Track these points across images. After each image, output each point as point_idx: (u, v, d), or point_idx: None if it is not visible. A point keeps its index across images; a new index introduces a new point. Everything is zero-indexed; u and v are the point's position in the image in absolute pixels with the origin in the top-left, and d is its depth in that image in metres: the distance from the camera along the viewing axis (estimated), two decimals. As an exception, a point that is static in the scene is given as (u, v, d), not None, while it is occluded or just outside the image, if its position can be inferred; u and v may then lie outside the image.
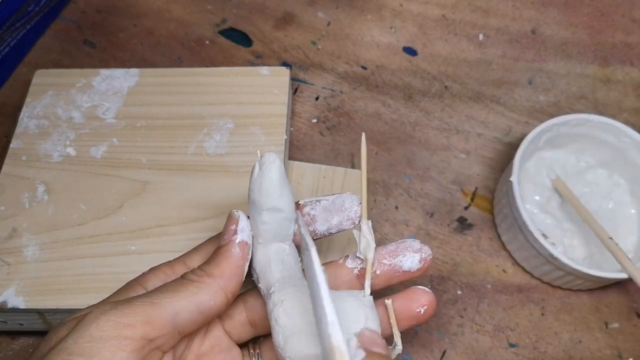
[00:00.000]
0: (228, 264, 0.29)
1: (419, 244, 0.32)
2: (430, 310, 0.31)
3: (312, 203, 0.33)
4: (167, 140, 0.43)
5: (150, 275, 0.31)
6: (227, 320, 0.32)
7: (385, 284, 0.32)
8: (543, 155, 0.46)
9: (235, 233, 0.30)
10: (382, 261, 0.31)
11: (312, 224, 0.32)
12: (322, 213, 0.32)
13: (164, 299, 0.27)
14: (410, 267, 0.31)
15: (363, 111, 0.50)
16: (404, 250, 0.31)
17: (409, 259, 0.31)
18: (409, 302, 0.31)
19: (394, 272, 0.31)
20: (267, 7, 0.55)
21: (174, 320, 0.27)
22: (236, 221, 0.30)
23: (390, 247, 0.32)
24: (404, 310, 0.31)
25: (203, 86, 0.45)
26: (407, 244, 0.32)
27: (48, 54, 0.52)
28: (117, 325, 0.26)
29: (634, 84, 0.52)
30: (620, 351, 0.42)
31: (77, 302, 0.37)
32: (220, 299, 0.29)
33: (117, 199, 0.41)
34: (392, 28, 0.55)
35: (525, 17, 0.55)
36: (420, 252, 0.31)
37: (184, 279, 0.29)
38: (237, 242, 0.30)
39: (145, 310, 0.27)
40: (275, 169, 0.29)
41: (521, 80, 0.52)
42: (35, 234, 0.39)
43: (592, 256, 0.44)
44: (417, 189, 0.47)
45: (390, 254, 0.31)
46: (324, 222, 0.32)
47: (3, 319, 0.38)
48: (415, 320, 0.31)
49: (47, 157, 0.43)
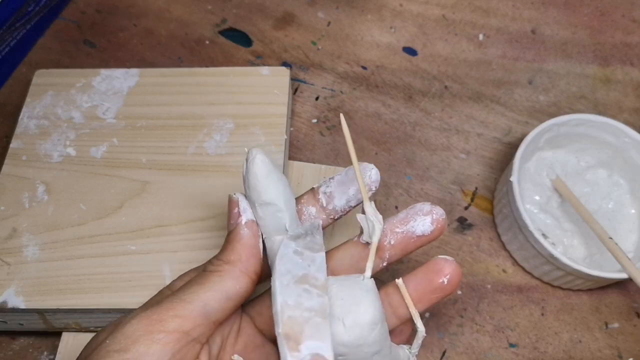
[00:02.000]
0: (242, 246, 0.30)
1: (429, 205, 0.31)
2: (454, 279, 0.30)
3: (326, 182, 0.33)
4: (167, 140, 0.43)
5: (179, 280, 0.31)
6: (257, 318, 0.32)
7: (402, 253, 0.31)
8: (543, 155, 0.46)
9: (240, 215, 0.30)
10: (395, 230, 0.31)
11: (330, 201, 0.32)
12: (337, 188, 0.32)
13: (191, 293, 0.28)
14: (424, 230, 0.31)
15: (363, 111, 0.50)
16: (414, 215, 0.31)
17: (420, 222, 0.31)
18: (431, 274, 0.30)
19: (408, 238, 0.31)
20: (267, 7, 0.55)
21: (204, 311, 0.28)
22: (236, 203, 0.31)
23: (400, 215, 0.31)
24: (427, 284, 0.30)
25: (203, 86, 0.45)
26: (416, 208, 0.31)
27: (48, 54, 0.52)
28: (149, 322, 0.27)
29: (634, 84, 0.52)
30: (620, 351, 0.42)
31: (77, 302, 0.37)
32: (245, 282, 0.29)
33: (117, 199, 0.41)
34: (392, 28, 0.55)
35: (525, 17, 0.55)
36: (430, 214, 0.31)
37: (205, 272, 0.30)
38: (244, 222, 0.30)
39: (174, 306, 0.27)
40: (257, 163, 0.30)
41: (521, 80, 0.52)
42: (35, 234, 0.39)
43: (592, 256, 0.44)
44: (417, 189, 0.47)
45: (401, 221, 0.31)
46: (341, 195, 0.32)
47: (3, 319, 0.38)
48: (441, 292, 0.30)
49: (47, 157, 0.43)
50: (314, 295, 0.27)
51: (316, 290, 0.27)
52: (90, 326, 0.39)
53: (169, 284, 0.31)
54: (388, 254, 0.31)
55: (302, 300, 0.27)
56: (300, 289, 0.27)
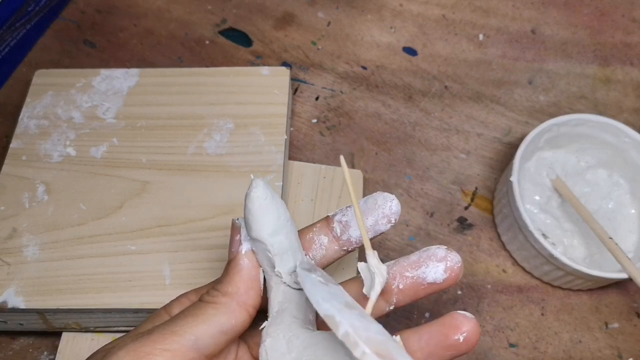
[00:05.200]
0: (240, 277, 0.28)
1: (444, 250, 0.29)
2: (472, 337, 0.27)
3: (342, 210, 0.31)
4: (167, 140, 0.43)
5: (176, 303, 0.30)
6: (254, 347, 0.31)
7: (411, 299, 0.29)
8: (543, 155, 0.46)
9: (241, 243, 0.29)
10: (405, 274, 0.29)
11: (345, 231, 0.30)
12: (354, 217, 0.30)
13: (183, 325, 0.27)
14: (435, 278, 0.29)
15: (363, 111, 0.50)
16: (427, 260, 0.29)
17: (433, 269, 0.29)
18: (446, 328, 0.28)
19: (417, 285, 0.29)
20: (267, 7, 0.55)
21: (195, 345, 0.26)
22: (238, 230, 0.29)
23: (412, 257, 0.29)
24: (440, 338, 0.28)
25: (203, 86, 0.45)
26: (430, 252, 0.29)
27: (48, 54, 0.52)
28: (136, 355, 0.25)
29: (634, 84, 0.52)
30: (620, 351, 0.42)
31: (77, 302, 0.37)
32: (241, 316, 0.28)
33: (117, 199, 0.41)
34: (392, 28, 0.55)
35: (525, 17, 0.55)
36: (445, 261, 0.28)
37: (201, 302, 0.28)
38: (244, 252, 0.29)
39: (165, 339, 0.26)
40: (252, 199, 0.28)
41: (521, 80, 0.52)
42: (35, 234, 0.39)
43: (592, 256, 0.44)
44: (417, 189, 0.47)
45: (412, 265, 0.29)
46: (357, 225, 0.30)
47: (3, 319, 0.38)
48: (455, 350, 0.27)
49: (47, 157, 0.43)
50: (370, 320, 0.25)
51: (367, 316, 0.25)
52: (90, 326, 0.39)
53: (166, 306, 0.30)
54: (395, 298, 0.29)
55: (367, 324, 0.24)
56: (355, 314, 0.24)
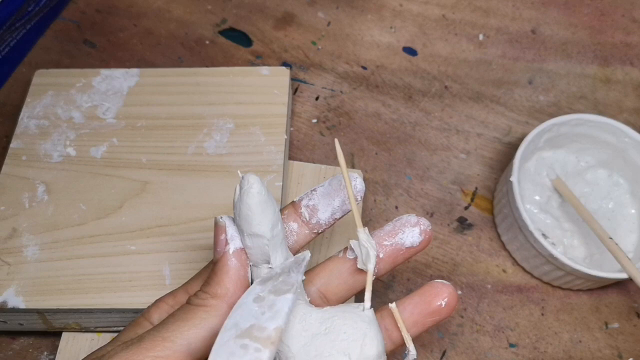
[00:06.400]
0: (229, 278, 0.28)
1: (416, 217, 0.31)
2: (452, 302, 0.30)
3: (308, 194, 0.31)
4: (167, 140, 0.43)
5: (154, 309, 0.29)
6: None
7: (391, 266, 0.31)
8: (543, 155, 0.46)
9: (227, 243, 0.29)
10: (383, 243, 0.30)
11: (314, 215, 0.31)
12: (321, 200, 0.31)
13: (174, 331, 0.26)
14: (412, 242, 0.30)
15: (363, 111, 0.50)
16: (402, 227, 0.30)
17: (409, 234, 0.30)
18: (428, 297, 0.30)
19: (397, 251, 0.30)
20: (267, 7, 0.55)
21: (188, 350, 0.26)
22: (223, 229, 0.29)
23: (387, 227, 0.31)
24: (424, 307, 0.30)
25: (203, 86, 0.45)
26: (403, 220, 0.31)
27: (48, 54, 0.52)
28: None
29: (634, 84, 0.52)
30: (620, 351, 0.42)
31: (77, 302, 0.37)
32: None
33: (117, 199, 0.41)
34: (392, 28, 0.55)
35: (525, 17, 0.55)
36: (418, 225, 0.30)
37: (190, 305, 0.28)
38: (231, 252, 0.28)
39: (156, 345, 0.26)
40: (253, 195, 0.28)
41: (521, 80, 0.52)
42: (35, 234, 0.39)
43: (592, 256, 0.44)
44: (417, 189, 0.47)
45: (389, 234, 0.30)
46: (326, 208, 0.31)
47: (3, 319, 0.38)
48: (438, 315, 0.30)
49: (47, 157, 0.43)
50: (250, 350, 0.24)
51: (256, 344, 0.24)
52: (90, 326, 0.39)
53: (144, 313, 0.29)
54: (377, 268, 0.30)
55: (234, 359, 0.24)
56: (237, 345, 0.24)
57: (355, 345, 0.27)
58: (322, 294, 0.31)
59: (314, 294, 0.30)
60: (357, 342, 0.27)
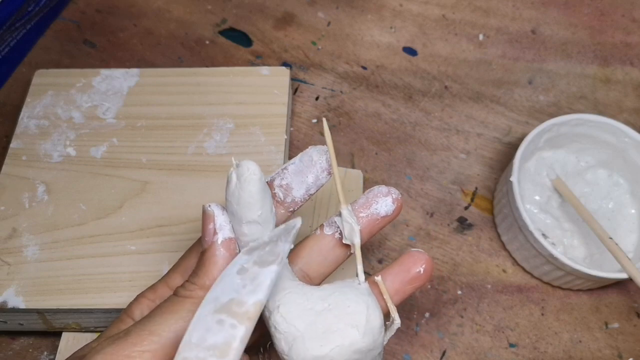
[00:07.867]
0: (217, 268, 0.27)
1: (386, 187, 0.32)
2: (429, 268, 0.31)
3: (279, 173, 0.31)
4: (167, 140, 0.43)
5: (135, 304, 0.29)
6: None
7: (368, 236, 0.32)
8: (543, 155, 0.46)
9: (215, 232, 0.28)
10: (359, 215, 0.31)
11: (289, 193, 0.31)
12: (294, 177, 0.31)
13: (161, 324, 0.26)
14: (387, 210, 0.31)
15: (363, 111, 0.50)
16: (375, 198, 0.31)
17: (383, 204, 0.31)
18: (407, 265, 0.31)
19: (373, 221, 0.31)
20: (267, 7, 0.55)
21: (175, 344, 0.25)
22: (212, 218, 0.28)
23: (360, 200, 0.31)
24: (404, 275, 0.31)
25: (203, 86, 0.45)
26: (375, 191, 0.31)
27: (48, 54, 0.52)
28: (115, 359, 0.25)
29: (634, 84, 0.52)
30: (620, 351, 0.42)
31: (77, 302, 0.37)
32: None
33: (117, 199, 0.41)
34: (392, 28, 0.55)
35: (525, 17, 0.55)
36: (390, 195, 0.31)
37: (177, 297, 0.27)
38: (220, 242, 0.28)
39: (143, 340, 0.25)
40: (255, 180, 0.27)
41: (521, 80, 0.52)
42: (35, 234, 0.39)
43: (592, 256, 0.44)
44: (417, 189, 0.47)
45: (363, 206, 0.31)
46: (299, 185, 0.31)
47: (3, 319, 0.38)
48: (417, 281, 0.31)
49: (47, 157, 0.43)
50: (225, 327, 0.24)
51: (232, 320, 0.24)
52: (90, 326, 0.39)
53: (126, 309, 0.29)
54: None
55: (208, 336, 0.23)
56: (214, 321, 0.24)
57: (360, 318, 0.27)
58: (305, 273, 0.31)
59: (297, 274, 0.30)
60: (362, 314, 0.28)
